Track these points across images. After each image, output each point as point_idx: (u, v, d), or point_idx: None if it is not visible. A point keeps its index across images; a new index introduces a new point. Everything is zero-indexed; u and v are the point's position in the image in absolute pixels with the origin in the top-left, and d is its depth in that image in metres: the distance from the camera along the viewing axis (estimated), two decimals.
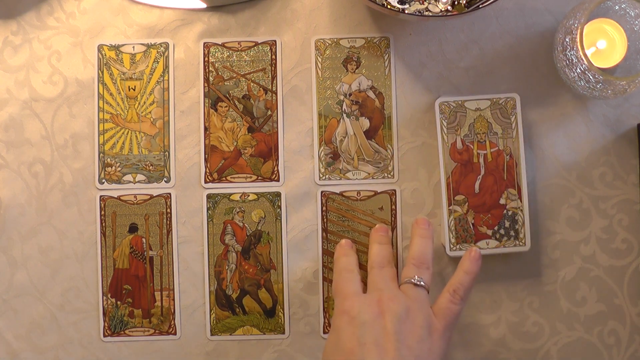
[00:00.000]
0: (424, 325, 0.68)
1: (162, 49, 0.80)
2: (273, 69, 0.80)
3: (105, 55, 0.80)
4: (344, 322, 0.68)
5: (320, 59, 0.80)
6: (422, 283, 0.71)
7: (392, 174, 0.79)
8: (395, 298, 0.69)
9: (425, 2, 0.74)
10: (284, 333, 0.79)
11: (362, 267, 0.78)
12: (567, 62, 0.74)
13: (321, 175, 0.79)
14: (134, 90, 0.80)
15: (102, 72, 0.80)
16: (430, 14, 0.73)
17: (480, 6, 0.72)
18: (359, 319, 0.67)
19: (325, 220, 0.79)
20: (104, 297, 0.79)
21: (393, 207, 0.79)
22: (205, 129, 0.80)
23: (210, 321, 0.79)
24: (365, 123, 0.80)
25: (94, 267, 0.79)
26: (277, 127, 0.80)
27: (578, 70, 0.73)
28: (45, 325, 0.79)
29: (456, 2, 0.73)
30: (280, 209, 0.79)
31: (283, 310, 0.79)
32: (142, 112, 0.80)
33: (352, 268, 0.74)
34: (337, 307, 0.71)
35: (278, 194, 0.79)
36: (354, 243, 0.77)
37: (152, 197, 0.79)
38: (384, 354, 0.65)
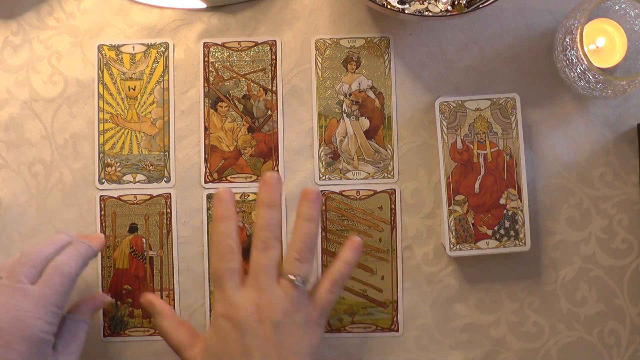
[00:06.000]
0: (303, 323, 0.70)
1: (162, 49, 0.80)
2: (273, 69, 0.80)
3: (105, 55, 0.80)
4: (228, 327, 0.69)
5: (320, 59, 0.80)
6: (302, 283, 0.70)
7: (392, 174, 0.79)
8: (273, 303, 0.69)
9: (425, 2, 0.74)
10: None
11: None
12: (567, 62, 0.74)
13: (321, 176, 0.79)
14: (134, 90, 0.80)
15: (102, 72, 0.80)
16: (430, 14, 0.73)
17: (480, 6, 0.72)
18: (241, 327, 0.69)
19: (325, 219, 0.79)
20: None
21: (392, 206, 0.79)
22: (205, 129, 0.80)
23: (210, 321, 0.79)
24: (365, 123, 0.80)
25: (94, 267, 0.79)
26: (277, 127, 0.80)
27: (578, 70, 0.73)
28: None
29: (456, 2, 0.73)
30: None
31: None
32: (142, 112, 0.80)
33: (232, 244, 0.71)
34: (218, 304, 0.70)
35: None
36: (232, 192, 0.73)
37: (152, 197, 0.79)
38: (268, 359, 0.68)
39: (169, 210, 0.79)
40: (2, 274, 0.68)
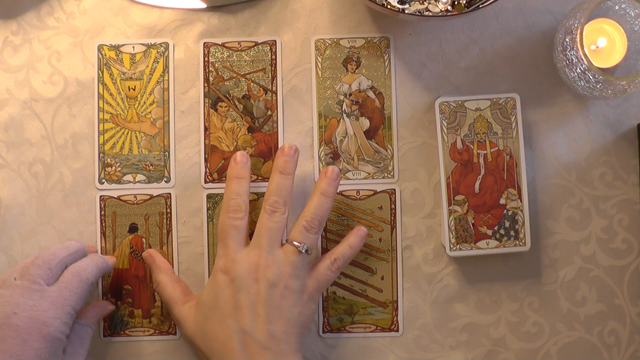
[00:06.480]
0: (297, 290, 0.72)
1: (162, 49, 0.80)
2: (273, 69, 0.80)
3: (105, 55, 0.80)
4: (225, 282, 0.72)
5: (320, 59, 0.80)
6: (305, 251, 0.73)
7: (392, 174, 0.79)
8: (272, 264, 0.72)
9: (425, 2, 0.74)
10: None
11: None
12: (567, 62, 0.74)
13: None
14: (134, 90, 0.80)
15: (102, 72, 0.80)
16: (430, 14, 0.73)
17: (480, 6, 0.72)
18: (236, 283, 0.71)
19: None
20: (104, 297, 0.79)
21: (392, 206, 0.79)
22: (205, 129, 0.80)
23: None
24: (365, 123, 0.80)
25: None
26: (277, 127, 0.80)
27: (578, 70, 0.73)
28: None
29: (456, 2, 0.73)
30: None
31: None
32: (142, 112, 0.80)
33: (241, 204, 0.74)
34: (219, 259, 0.73)
35: None
36: (250, 157, 0.76)
37: (152, 197, 0.79)
38: (256, 318, 0.70)
39: (169, 210, 0.79)
40: (15, 276, 0.69)
